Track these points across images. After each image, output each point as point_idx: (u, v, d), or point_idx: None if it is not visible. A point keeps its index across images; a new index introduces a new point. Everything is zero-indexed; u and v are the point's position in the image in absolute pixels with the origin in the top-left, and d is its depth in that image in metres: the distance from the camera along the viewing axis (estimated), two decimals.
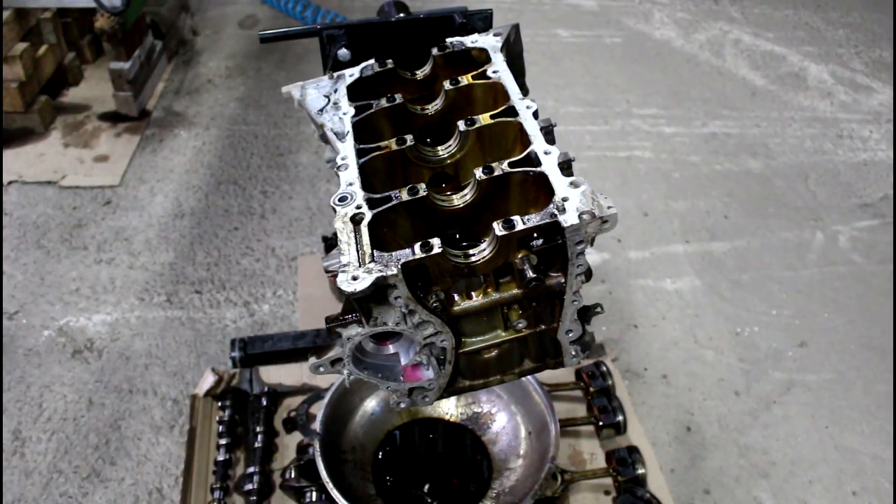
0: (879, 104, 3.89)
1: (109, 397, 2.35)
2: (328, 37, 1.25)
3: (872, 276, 2.89)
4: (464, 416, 1.69)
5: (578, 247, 0.91)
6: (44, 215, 3.00)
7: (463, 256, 0.92)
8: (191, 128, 3.51)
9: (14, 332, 2.54)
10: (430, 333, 0.98)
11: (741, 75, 4.06)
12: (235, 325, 2.57)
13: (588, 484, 1.71)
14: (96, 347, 2.50)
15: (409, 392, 1.10)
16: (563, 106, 3.75)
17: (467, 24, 1.28)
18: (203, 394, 2.01)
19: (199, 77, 3.86)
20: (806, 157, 3.51)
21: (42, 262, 2.80)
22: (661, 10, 4.63)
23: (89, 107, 3.58)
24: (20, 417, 2.29)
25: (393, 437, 1.66)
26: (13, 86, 3.23)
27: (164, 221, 2.99)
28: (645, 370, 2.48)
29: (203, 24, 4.30)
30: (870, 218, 3.18)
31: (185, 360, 2.46)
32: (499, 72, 1.13)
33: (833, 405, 2.42)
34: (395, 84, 1.21)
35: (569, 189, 0.91)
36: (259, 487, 1.74)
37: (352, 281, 0.85)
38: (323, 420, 1.57)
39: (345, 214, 0.93)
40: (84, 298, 2.66)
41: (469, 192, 0.98)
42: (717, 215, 3.14)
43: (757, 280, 2.84)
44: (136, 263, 2.80)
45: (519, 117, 1.04)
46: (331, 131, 1.09)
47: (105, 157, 3.30)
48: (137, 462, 2.18)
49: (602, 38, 4.33)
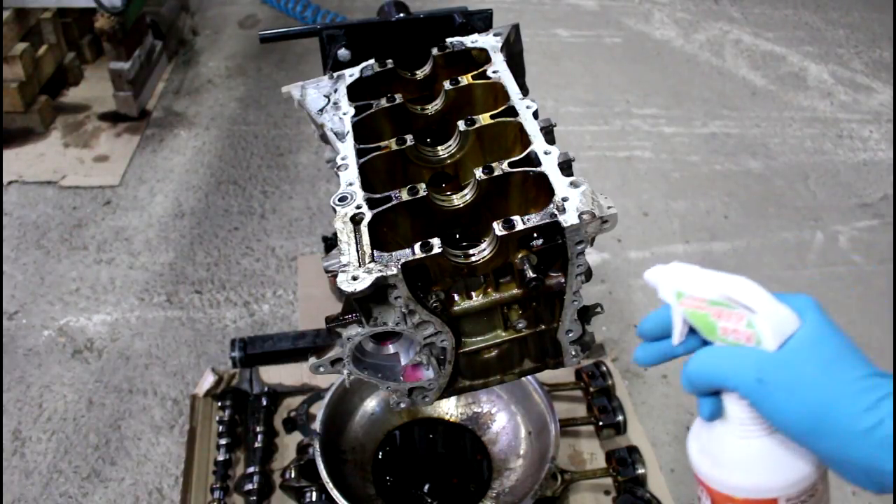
0: (879, 104, 3.89)
1: (109, 397, 2.35)
2: (328, 37, 1.25)
3: (872, 276, 2.89)
4: (464, 416, 1.69)
5: (578, 247, 0.91)
6: (44, 215, 3.00)
7: (463, 256, 0.92)
8: (191, 128, 3.51)
9: (14, 332, 2.54)
10: (430, 333, 0.98)
11: (741, 75, 4.06)
12: (235, 324, 2.57)
13: (588, 484, 1.71)
14: (96, 347, 2.50)
15: (409, 392, 1.10)
16: (562, 106, 3.75)
17: (467, 24, 1.28)
18: (203, 394, 2.01)
19: (200, 77, 3.86)
20: (806, 157, 3.51)
21: (42, 262, 2.80)
22: (661, 10, 4.63)
23: (89, 107, 3.58)
24: (20, 417, 2.29)
25: (393, 437, 1.66)
26: (13, 86, 3.23)
27: (164, 221, 2.99)
28: (645, 370, 2.48)
29: (203, 24, 4.30)
30: (870, 218, 3.18)
31: (185, 360, 2.46)
32: (499, 72, 1.13)
33: None
34: (395, 84, 1.21)
35: (569, 189, 0.91)
36: (259, 487, 1.74)
37: (352, 281, 0.85)
38: (323, 420, 1.57)
39: (345, 214, 0.93)
40: (84, 298, 2.66)
41: (469, 192, 0.98)
42: (717, 215, 3.14)
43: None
44: (136, 263, 2.80)
45: (519, 117, 1.04)
46: (331, 131, 1.09)
47: (105, 157, 3.30)
48: (137, 462, 2.18)
49: (602, 38, 4.33)
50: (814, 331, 0.67)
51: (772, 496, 0.68)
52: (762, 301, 0.66)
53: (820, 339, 0.66)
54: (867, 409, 0.61)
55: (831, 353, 0.65)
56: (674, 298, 0.71)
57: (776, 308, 0.66)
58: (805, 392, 0.63)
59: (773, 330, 0.65)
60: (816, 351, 0.65)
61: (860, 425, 0.60)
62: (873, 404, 0.61)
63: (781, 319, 0.66)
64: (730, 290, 0.68)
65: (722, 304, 0.67)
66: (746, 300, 0.67)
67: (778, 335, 0.65)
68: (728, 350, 0.68)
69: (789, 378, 0.64)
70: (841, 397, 0.62)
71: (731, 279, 0.69)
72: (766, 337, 0.66)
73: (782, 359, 0.65)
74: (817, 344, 0.66)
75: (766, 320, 0.66)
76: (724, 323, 0.68)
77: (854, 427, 0.60)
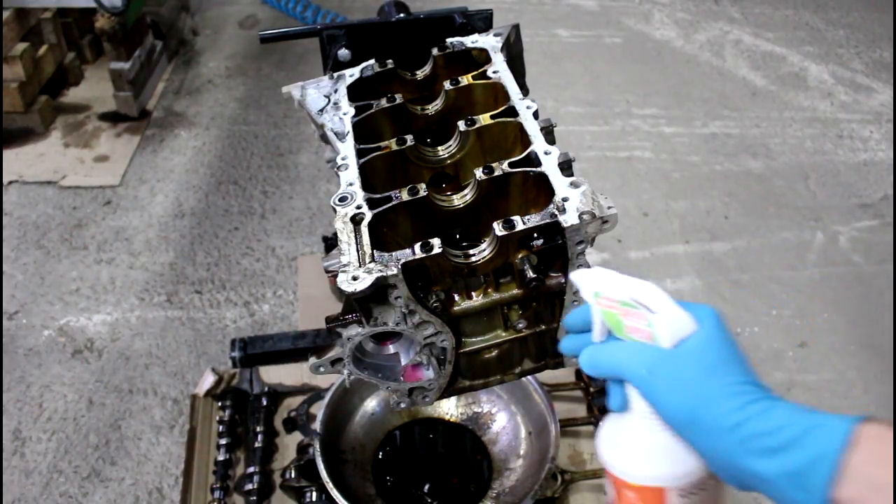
0: (880, 104, 3.90)
1: (109, 397, 2.35)
2: (328, 37, 1.25)
3: (872, 277, 2.89)
4: (464, 417, 1.69)
5: (579, 247, 0.91)
6: (44, 215, 3.00)
7: (463, 256, 0.92)
8: (191, 128, 3.51)
9: (14, 332, 2.54)
10: (430, 333, 0.98)
11: (741, 75, 4.07)
12: (235, 324, 2.57)
13: (588, 484, 1.71)
14: (96, 347, 2.50)
15: (409, 392, 1.10)
16: (563, 106, 3.75)
17: (467, 24, 1.28)
18: (203, 394, 2.00)
19: (200, 77, 3.86)
20: (806, 158, 3.51)
21: (42, 261, 2.80)
22: (662, 10, 4.63)
23: (89, 107, 3.58)
24: (20, 417, 2.29)
25: (393, 437, 1.66)
26: (13, 86, 3.23)
27: (165, 221, 2.99)
28: None
29: (203, 24, 4.30)
30: (870, 218, 3.18)
31: (186, 359, 2.46)
32: (499, 72, 1.13)
33: (833, 405, 2.42)
34: (395, 84, 1.21)
35: (569, 189, 0.91)
36: (259, 487, 1.74)
37: (352, 281, 0.85)
38: (323, 420, 1.56)
39: (345, 214, 0.93)
40: (84, 298, 2.66)
41: (469, 193, 0.98)
42: (717, 215, 3.14)
43: (757, 280, 2.84)
44: (137, 263, 2.80)
45: (519, 117, 1.04)
46: (331, 131, 1.09)
47: (105, 157, 3.30)
48: (137, 462, 2.19)
49: (602, 39, 4.33)
50: (706, 336, 0.72)
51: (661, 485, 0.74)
52: (662, 304, 0.72)
53: (710, 344, 0.71)
54: (734, 410, 0.66)
55: (716, 358, 0.70)
56: (592, 298, 0.77)
57: (674, 312, 0.72)
58: (686, 388, 0.69)
59: (668, 330, 0.71)
60: (704, 354, 0.71)
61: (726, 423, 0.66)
62: (741, 406, 0.66)
63: (677, 322, 0.72)
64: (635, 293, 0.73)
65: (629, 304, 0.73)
66: (648, 302, 0.72)
67: (672, 336, 0.71)
68: (627, 344, 0.75)
69: (674, 374, 0.70)
70: (715, 397, 0.68)
71: (638, 283, 0.74)
72: (662, 336, 0.71)
73: (671, 356, 0.71)
74: (706, 348, 0.71)
75: (662, 321, 0.71)
76: (629, 321, 0.74)
77: (720, 424, 0.66)
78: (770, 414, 0.65)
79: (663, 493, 0.74)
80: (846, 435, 0.61)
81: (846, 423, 0.62)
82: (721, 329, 0.73)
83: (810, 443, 0.62)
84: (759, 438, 0.65)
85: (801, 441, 0.63)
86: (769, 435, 0.64)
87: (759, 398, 0.67)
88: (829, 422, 0.63)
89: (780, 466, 0.63)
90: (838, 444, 0.61)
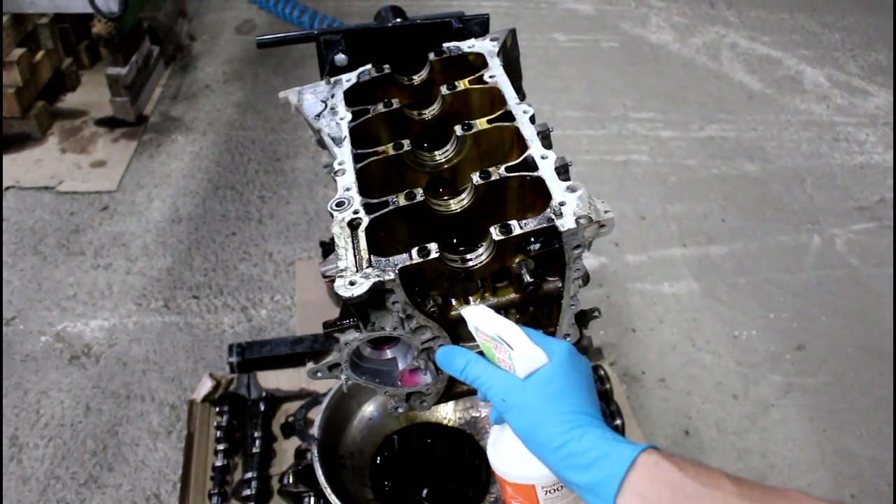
0: (876, 107, 3.91)
1: (107, 403, 2.34)
2: (325, 42, 1.25)
3: (869, 279, 2.89)
4: (462, 421, 1.69)
5: (576, 251, 0.91)
6: (41, 221, 3.00)
7: (460, 261, 0.92)
8: (188, 133, 3.51)
9: (11, 338, 2.53)
10: (427, 338, 0.98)
11: (737, 79, 4.08)
12: (233, 330, 2.57)
13: None
14: (94, 353, 2.49)
15: (406, 397, 1.10)
16: (560, 110, 3.76)
17: (464, 28, 1.28)
18: (201, 399, 2.00)
19: (197, 82, 3.86)
20: (802, 161, 3.52)
21: (39, 267, 2.79)
22: (658, 14, 4.64)
23: (86, 112, 3.58)
24: (17, 423, 2.29)
25: (391, 442, 1.66)
26: (10, 91, 3.23)
27: (162, 227, 2.99)
28: (643, 374, 2.48)
29: (200, 29, 4.31)
30: (866, 221, 3.19)
31: (183, 365, 2.45)
32: (495, 76, 1.13)
33: (831, 408, 2.42)
34: (392, 89, 1.21)
35: (566, 193, 0.91)
36: (257, 493, 1.74)
37: (349, 286, 0.85)
38: (321, 425, 1.56)
39: (342, 219, 0.93)
40: (81, 304, 2.65)
41: (466, 197, 0.98)
42: (714, 219, 3.15)
43: (754, 283, 2.84)
44: (134, 269, 2.80)
45: (516, 122, 1.04)
46: (328, 136, 1.09)
47: (102, 163, 3.30)
48: (135, 468, 2.18)
49: (599, 43, 4.34)
50: (552, 370, 0.87)
51: (529, 483, 0.93)
52: (519, 342, 0.87)
53: (554, 377, 0.87)
54: (559, 434, 0.83)
55: (557, 389, 0.86)
56: (474, 332, 0.92)
57: (528, 348, 0.87)
58: (529, 413, 0.86)
59: (522, 364, 0.87)
60: (547, 385, 0.86)
61: (552, 443, 0.83)
62: (565, 431, 0.83)
63: (530, 356, 0.87)
64: (500, 331, 0.88)
65: (497, 339, 0.89)
66: (509, 339, 0.87)
67: (525, 368, 0.87)
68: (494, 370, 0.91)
69: (522, 400, 0.86)
70: (548, 422, 0.84)
71: (504, 324, 0.89)
72: (518, 368, 0.87)
73: (521, 385, 0.87)
74: (550, 380, 0.86)
75: (518, 355, 0.87)
76: (498, 353, 0.90)
77: (549, 444, 0.83)
78: (583, 439, 0.82)
79: (533, 489, 0.93)
80: (630, 460, 0.79)
81: (633, 451, 0.79)
82: (568, 363, 0.88)
83: (605, 464, 0.80)
84: (574, 457, 0.81)
85: (599, 462, 0.80)
86: (580, 455, 0.81)
87: (579, 425, 0.83)
88: (620, 448, 0.80)
89: (586, 479, 0.80)
90: (624, 466, 0.78)
